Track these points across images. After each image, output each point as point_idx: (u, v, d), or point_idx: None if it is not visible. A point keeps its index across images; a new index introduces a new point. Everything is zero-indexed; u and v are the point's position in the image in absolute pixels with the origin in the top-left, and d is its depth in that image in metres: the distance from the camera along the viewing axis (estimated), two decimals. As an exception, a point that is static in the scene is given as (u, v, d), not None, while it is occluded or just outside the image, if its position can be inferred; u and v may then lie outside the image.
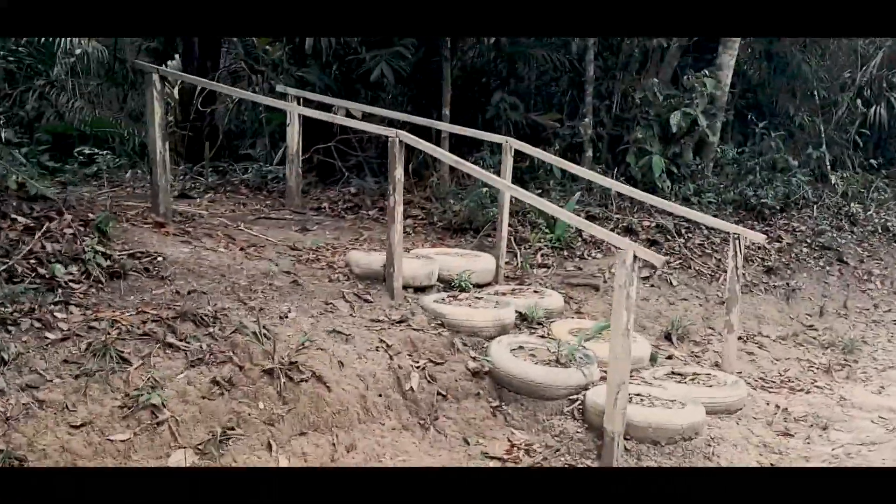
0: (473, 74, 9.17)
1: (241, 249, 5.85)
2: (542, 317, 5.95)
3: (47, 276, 4.41)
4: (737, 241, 5.57)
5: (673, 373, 5.54)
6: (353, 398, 4.50)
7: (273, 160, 9.30)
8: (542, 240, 7.52)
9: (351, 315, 5.24)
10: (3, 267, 4.32)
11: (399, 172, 5.58)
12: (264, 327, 4.60)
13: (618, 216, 8.22)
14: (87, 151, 7.97)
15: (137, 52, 10.64)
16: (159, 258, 5.11)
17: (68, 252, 4.67)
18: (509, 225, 7.55)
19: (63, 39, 10.01)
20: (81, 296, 4.43)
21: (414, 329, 5.29)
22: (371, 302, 5.51)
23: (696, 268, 7.87)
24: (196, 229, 6.20)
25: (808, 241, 9.36)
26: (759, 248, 8.66)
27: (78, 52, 9.83)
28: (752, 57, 11.62)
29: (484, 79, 9.32)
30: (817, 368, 6.49)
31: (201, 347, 4.25)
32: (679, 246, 8.08)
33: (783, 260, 8.66)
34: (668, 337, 6.57)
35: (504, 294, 6.27)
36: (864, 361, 6.76)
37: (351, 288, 5.64)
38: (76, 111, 9.74)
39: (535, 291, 6.46)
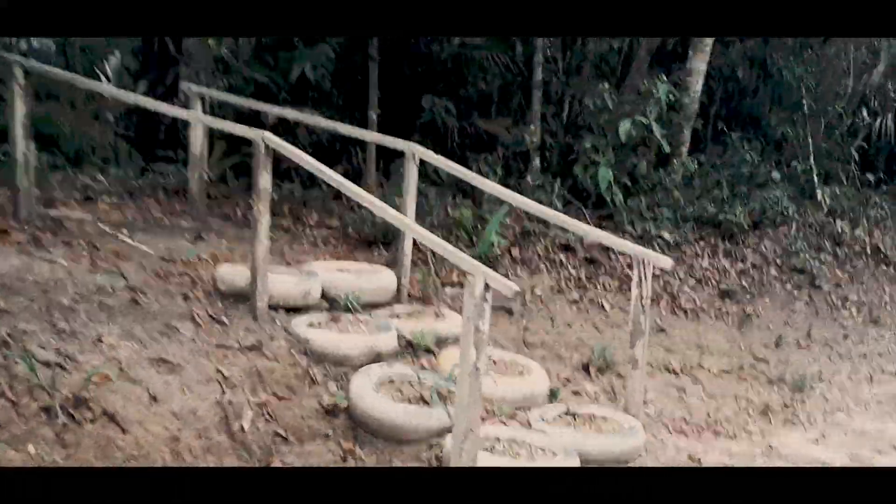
0: (407, 76, 8.52)
1: (93, 262, 5.24)
2: (432, 344, 5.27)
3: None
4: (642, 266, 4.86)
5: (567, 413, 4.83)
6: (161, 441, 3.84)
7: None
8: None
9: (193, 340, 4.60)
10: None
11: (264, 180, 4.94)
12: (66, 356, 3.99)
13: (556, 232, 7.52)
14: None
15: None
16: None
17: None
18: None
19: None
20: None
21: (266, 357, 4.64)
22: (225, 324, 4.87)
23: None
24: (57, 237, 5.59)
25: (779, 262, 8.58)
26: (717, 269, 7.92)
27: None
28: (733, 62, 10.84)
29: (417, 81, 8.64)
30: (754, 409, 5.74)
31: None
32: (621, 266, 7.36)
33: (743, 283, 7.90)
34: (586, 368, 5.86)
35: (398, 316, 5.61)
36: (812, 402, 5.98)
37: (207, 307, 5.00)
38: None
39: (437, 314, 5.78)
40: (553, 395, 5.15)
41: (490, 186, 5.55)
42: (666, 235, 7.99)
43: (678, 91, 8.75)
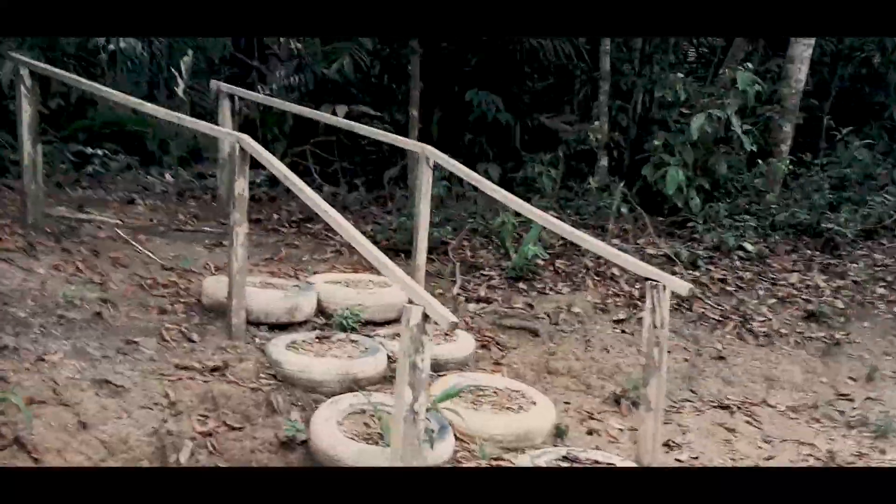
0: (454, 70, 7.90)
1: (78, 271, 5.03)
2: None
3: None
4: (655, 292, 4.08)
5: (565, 457, 4.14)
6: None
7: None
8: (497, 267, 6.22)
9: (151, 359, 4.27)
10: None
11: (241, 185, 4.55)
12: (-5, 373, 3.74)
13: (612, 241, 6.73)
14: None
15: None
16: (-73, 280, 4.38)
17: None
18: (460, 247, 6.35)
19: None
20: None
21: (227, 381, 4.24)
22: (194, 342, 4.52)
23: (702, 309, 6.25)
24: (59, 244, 5.46)
25: (889, 279, 7.37)
26: (807, 286, 6.86)
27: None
28: (851, 49, 9.51)
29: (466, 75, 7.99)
30: (817, 460, 4.80)
31: None
32: (691, 279, 6.47)
33: (838, 303, 6.79)
34: (617, 401, 5.11)
35: (398, 336, 5.07)
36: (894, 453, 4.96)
37: (182, 322, 4.67)
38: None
39: (446, 335, 5.21)
40: (560, 434, 4.47)
41: (501, 195, 4.91)
42: (748, 246, 7.01)
43: (777, 81, 7.70)
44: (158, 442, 3.77)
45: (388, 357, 4.69)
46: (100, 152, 9.24)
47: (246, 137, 4.53)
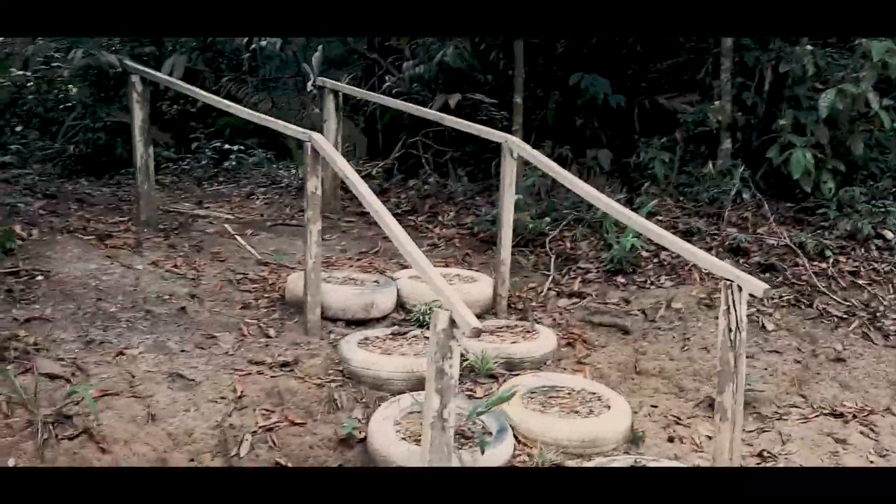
0: (559, 53, 7.57)
1: (175, 266, 5.30)
2: (498, 367, 4.59)
3: None
4: (730, 292, 3.73)
5: (632, 467, 3.90)
6: (143, 463, 3.71)
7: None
8: (595, 260, 5.95)
9: (227, 353, 4.43)
10: None
11: (313, 184, 4.61)
12: (79, 367, 4.01)
13: (728, 231, 6.24)
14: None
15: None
16: (39, 276, 4.75)
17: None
18: (559, 239, 6.15)
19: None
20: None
21: (295, 377, 4.33)
22: (270, 337, 4.65)
23: (823, 306, 5.67)
24: (168, 240, 5.79)
25: None
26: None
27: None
28: None
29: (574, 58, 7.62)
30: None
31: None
32: (808, 274, 5.90)
33: None
34: (711, 405, 4.73)
35: (484, 331, 4.98)
36: None
37: (262, 317, 4.82)
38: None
39: (528, 331, 5.05)
40: (634, 441, 4.21)
41: (585, 191, 4.65)
42: (888, 234, 6.29)
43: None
44: (221, 435, 3.91)
45: (462, 356, 4.61)
46: (235, 148, 9.76)
47: (317, 136, 4.58)
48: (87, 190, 7.55)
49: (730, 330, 3.79)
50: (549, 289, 5.66)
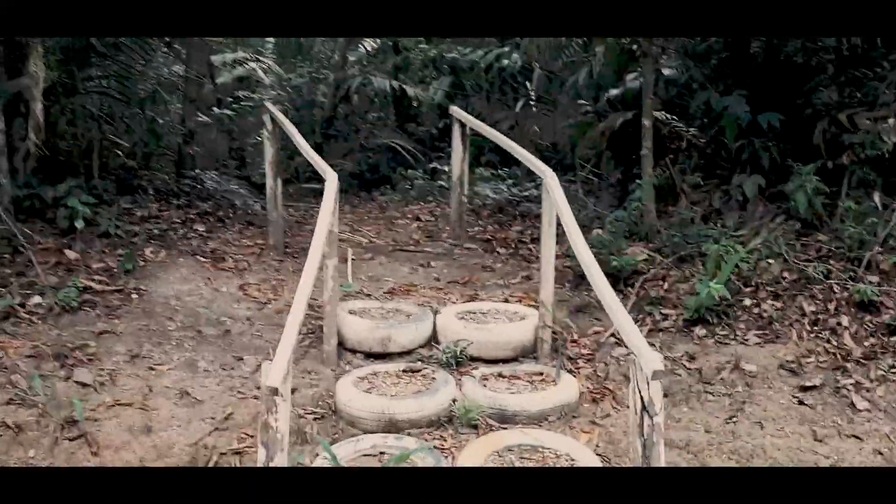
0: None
1: (259, 290, 5.85)
2: (479, 419, 4.36)
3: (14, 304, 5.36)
4: (633, 367, 3.15)
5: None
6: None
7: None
8: (680, 305, 5.24)
9: (244, 377, 4.85)
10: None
11: (331, 221, 4.83)
12: (110, 378, 4.72)
13: (856, 284, 5.05)
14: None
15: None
16: (134, 295, 5.59)
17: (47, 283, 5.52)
18: (660, 278, 5.62)
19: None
20: (28, 325, 5.25)
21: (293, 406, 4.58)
22: (295, 365, 4.95)
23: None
24: (278, 263, 6.38)
25: None
26: None
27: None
28: None
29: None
30: None
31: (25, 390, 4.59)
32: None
33: None
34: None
35: (502, 376, 4.78)
36: None
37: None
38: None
39: (545, 380, 4.70)
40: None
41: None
42: None
43: None
44: (193, 453, 4.33)
45: (454, 400, 4.49)
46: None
47: (332, 177, 4.79)
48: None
49: (635, 413, 3.25)
50: (612, 335, 5.16)
